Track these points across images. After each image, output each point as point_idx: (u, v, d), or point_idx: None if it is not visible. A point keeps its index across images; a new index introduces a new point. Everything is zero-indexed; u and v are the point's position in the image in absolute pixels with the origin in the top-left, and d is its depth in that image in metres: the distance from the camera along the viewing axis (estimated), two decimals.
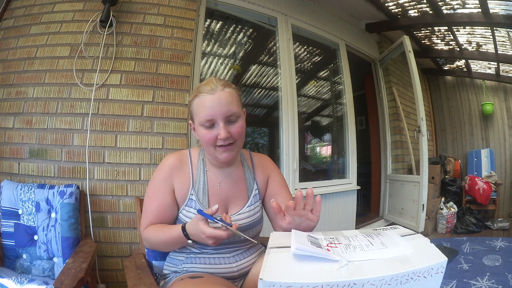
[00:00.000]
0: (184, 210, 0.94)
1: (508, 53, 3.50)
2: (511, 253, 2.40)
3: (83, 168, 1.61)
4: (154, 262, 1.10)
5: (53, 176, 1.60)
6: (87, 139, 1.62)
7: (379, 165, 3.75)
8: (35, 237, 1.36)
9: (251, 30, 3.06)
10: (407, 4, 3.11)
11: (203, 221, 0.77)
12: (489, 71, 4.16)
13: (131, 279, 0.92)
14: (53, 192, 1.43)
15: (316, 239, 0.56)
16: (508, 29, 2.98)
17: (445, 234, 3.17)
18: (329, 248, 0.50)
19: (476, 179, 3.62)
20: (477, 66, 4.20)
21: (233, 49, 3.24)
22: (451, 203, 3.33)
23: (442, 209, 3.22)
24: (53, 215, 1.40)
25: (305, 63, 3.67)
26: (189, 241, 0.84)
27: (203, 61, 3.13)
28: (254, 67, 3.84)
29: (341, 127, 3.22)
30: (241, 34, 3.08)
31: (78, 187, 1.51)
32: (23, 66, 1.72)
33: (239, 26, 2.92)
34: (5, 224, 1.35)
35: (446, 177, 3.75)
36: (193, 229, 0.80)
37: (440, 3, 2.91)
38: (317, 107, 4.94)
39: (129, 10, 1.83)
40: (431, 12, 3.07)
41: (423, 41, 3.94)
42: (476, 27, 3.25)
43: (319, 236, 0.59)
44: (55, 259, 1.36)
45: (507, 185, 3.91)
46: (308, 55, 3.56)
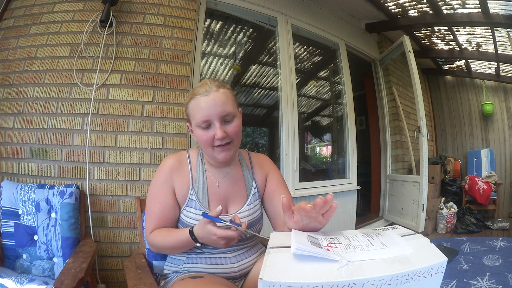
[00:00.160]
0: (184, 210, 0.94)
1: (508, 53, 3.50)
2: (511, 253, 2.40)
3: (83, 168, 1.61)
4: (154, 262, 1.10)
5: (53, 176, 1.60)
6: (87, 139, 1.62)
7: (379, 165, 3.75)
8: (35, 237, 1.36)
9: (251, 30, 3.06)
10: (407, 4, 3.11)
11: (210, 223, 0.77)
12: (489, 71, 4.16)
13: (131, 279, 0.92)
14: (53, 192, 1.43)
15: (316, 239, 0.56)
16: (508, 29, 2.98)
17: (445, 234, 3.17)
18: (329, 248, 0.50)
19: (476, 179, 3.62)
20: (477, 66, 4.20)
21: (233, 49, 3.24)
22: (451, 203, 3.33)
23: (442, 209, 3.22)
24: (53, 215, 1.40)
25: (305, 63, 3.67)
26: (198, 244, 0.84)
27: (203, 61, 3.13)
28: (254, 67, 3.84)
29: (341, 127, 3.22)
30: (241, 34, 3.08)
31: (78, 187, 1.51)
32: (23, 66, 1.72)
33: (239, 26, 2.92)
34: (5, 224, 1.35)
35: (446, 177, 3.75)
36: (202, 232, 0.80)
37: (440, 3, 2.91)
38: (317, 107, 4.94)
39: (129, 10, 1.84)
40: (431, 12, 3.07)
41: (423, 41, 3.94)
42: (476, 27, 3.25)
43: (319, 236, 0.59)
44: (55, 259, 1.36)
45: (507, 185, 3.91)
46: (308, 55, 3.56)
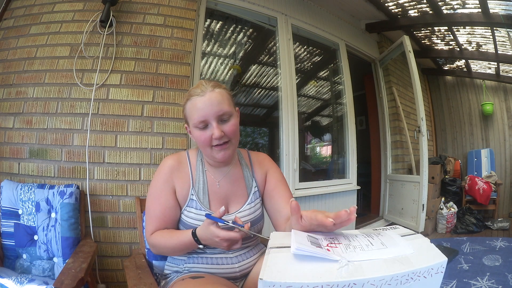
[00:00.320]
0: (185, 210, 0.94)
1: (508, 53, 3.50)
2: (511, 253, 2.40)
3: (83, 168, 1.61)
4: (154, 262, 1.10)
5: (53, 176, 1.60)
6: (87, 139, 1.62)
7: (379, 165, 3.75)
8: (35, 237, 1.36)
9: (251, 30, 3.06)
10: (407, 4, 3.11)
11: (214, 225, 0.77)
12: (489, 71, 4.16)
13: (131, 279, 0.92)
14: (53, 192, 1.43)
15: (316, 239, 0.56)
16: (508, 29, 2.98)
17: (445, 234, 3.17)
18: (329, 248, 0.50)
19: (476, 179, 3.62)
20: (477, 66, 4.20)
21: (233, 49, 3.24)
22: (451, 203, 3.33)
23: (442, 209, 3.22)
24: (53, 215, 1.40)
25: (305, 63, 3.67)
26: (200, 246, 0.84)
27: (203, 61, 3.13)
28: (254, 67, 3.85)
29: (341, 127, 3.22)
30: (241, 34, 3.08)
31: (78, 187, 1.51)
32: (23, 66, 1.72)
33: (239, 26, 2.92)
34: (5, 224, 1.35)
35: (446, 177, 3.75)
36: (205, 234, 0.80)
37: (440, 3, 2.91)
38: (317, 107, 4.94)
39: (129, 10, 1.83)
40: (431, 12, 3.07)
41: (423, 41, 3.94)
42: (476, 27, 3.25)
43: (319, 236, 0.59)
44: (55, 259, 1.36)
45: (507, 185, 3.91)
46: (308, 55, 3.56)
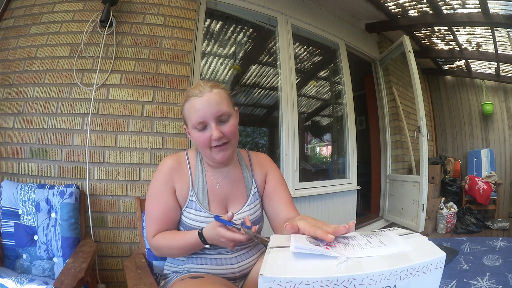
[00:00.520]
0: (185, 211, 0.93)
1: (508, 53, 3.50)
2: (511, 253, 2.40)
3: (83, 168, 1.61)
4: (154, 262, 1.10)
5: (53, 176, 1.60)
6: (87, 139, 1.62)
7: (379, 165, 3.75)
8: (35, 237, 1.36)
9: (251, 30, 3.06)
10: (407, 4, 3.11)
11: (222, 227, 0.78)
12: (489, 71, 4.16)
13: (131, 279, 0.92)
14: (53, 192, 1.43)
15: (315, 240, 0.56)
16: (508, 29, 2.98)
17: (445, 234, 3.17)
18: (328, 247, 0.50)
19: (476, 179, 3.62)
20: (477, 66, 4.20)
21: (233, 49, 3.24)
22: (451, 203, 3.32)
23: (442, 209, 3.22)
24: (53, 215, 1.40)
25: (305, 63, 3.67)
26: (207, 246, 0.86)
27: (203, 61, 3.13)
28: (254, 67, 3.85)
29: (341, 127, 3.22)
30: (241, 34, 3.08)
31: (78, 187, 1.51)
32: (23, 66, 1.72)
33: (239, 26, 2.92)
34: (5, 224, 1.35)
35: (446, 177, 3.75)
36: (212, 234, 0.81)
37: (440, 3, 2.91)
38: (317, 107, 4.94)
39: (129, 10, 1.84)
40: (431, 12, 3.07)
41: (423, 41, 3.94)
42: (476, 27, 3.25)
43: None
44: (55, 259, 1.36)
45: (507, 185, 3.91)
46: (308, 55, 3.56)
